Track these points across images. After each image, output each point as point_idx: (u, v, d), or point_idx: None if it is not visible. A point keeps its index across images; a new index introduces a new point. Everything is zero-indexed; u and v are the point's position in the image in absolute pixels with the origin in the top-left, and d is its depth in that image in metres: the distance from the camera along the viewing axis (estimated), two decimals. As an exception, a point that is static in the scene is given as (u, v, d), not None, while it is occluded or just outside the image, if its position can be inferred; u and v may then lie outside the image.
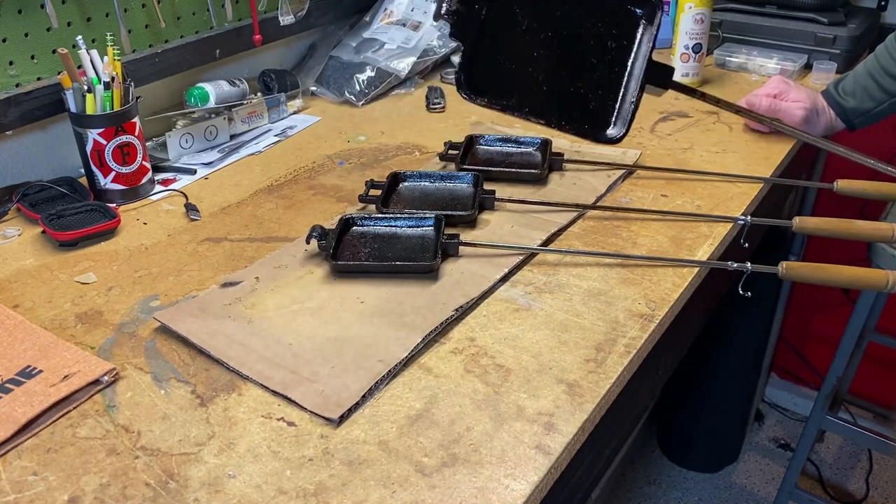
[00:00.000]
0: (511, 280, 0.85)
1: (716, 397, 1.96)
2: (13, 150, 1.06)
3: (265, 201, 1.05)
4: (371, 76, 1.38)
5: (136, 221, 1.00)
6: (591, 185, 1.04)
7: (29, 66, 1.05)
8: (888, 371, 2.04)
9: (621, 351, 0.74)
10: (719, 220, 0.97)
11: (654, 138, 1.20)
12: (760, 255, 1.70)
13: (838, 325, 1.98)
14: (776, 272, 0.84)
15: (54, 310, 0.82)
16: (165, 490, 0.60)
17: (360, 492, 0.59)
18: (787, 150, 1.16)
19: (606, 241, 0.93)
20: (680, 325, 0.87)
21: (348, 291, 0.83)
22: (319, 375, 0.70)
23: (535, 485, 0.60)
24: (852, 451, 2.13)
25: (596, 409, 0.68)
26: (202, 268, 0.89)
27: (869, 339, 1.80)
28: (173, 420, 0.67)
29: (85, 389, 0.69)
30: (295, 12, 1.37)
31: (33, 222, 0.98)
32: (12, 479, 0.61)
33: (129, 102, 1.02)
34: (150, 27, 1.19)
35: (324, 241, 0.87)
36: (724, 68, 1.50)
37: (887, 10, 1.63)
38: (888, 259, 1.33)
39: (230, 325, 0.77)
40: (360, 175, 1.11)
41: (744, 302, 1.80)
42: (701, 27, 1.36)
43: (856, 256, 1.70)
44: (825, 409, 1.62)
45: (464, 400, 0.68)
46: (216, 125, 1.20)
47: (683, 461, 2.10)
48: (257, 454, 0.63)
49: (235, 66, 1.36)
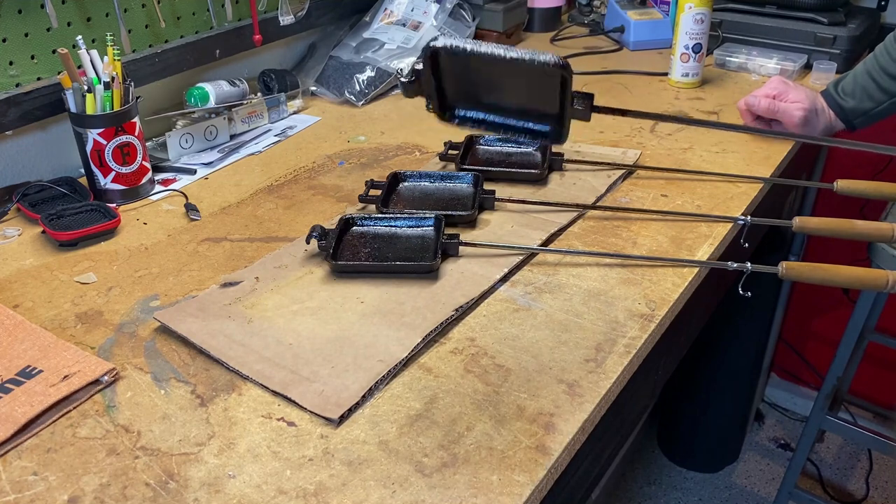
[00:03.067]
0: (511, 280, 0.85)
1: (716, 397, 1.96)
2: (13, 150, 1.06)
3: (265, 201, 1.05)
4: (371, 76, 1.38)
5: (136, 221, 1.00)
6: (591, 185, 1.04)
7: (29, 66, 1.05)
8: (888, 371, 2.04)
9: (621, 351, 0.74)
10: (719, 220, 0.97)
11: (653, 138, 1.20)
12: (760, 255, 1.70)
13: (838, 325, 1.98)
14: (776, 272, 0.84)
15: (54, 310, 0.82)
16: (165, 490, 0.60)
17: (360, 492, 0.59)
18: (787, 150, 1.16)
19: (606, 241, 0.93)
20: (680, 325, 0.87)
21: (348, 291, 0.83)
22: (319, 375, 0.70)
23: (535, 485, 0.60)
24: (852, 451, 2.13)
25: (596, 409, 0.68)
26: (202, 268, 0.89)
27: (869, 339, 1.80)
28: (173, 420, 0.67)
29: (85, 389, 0.69)
30: (295, 12, 1.37)
31: (33, 222, 0.98)
32: (12, 479, 0.61)
33: (129, 102, 1.02)
34: (150, 27, 1.19)
35: (324, 241, 0.87)
36: (724, 68, 1.50)
37: (887, 10, 1.63)
38: (888, 259, 1.33)
39: (230, 325, 0.77)
40: (360, 175, 1.11)
41: (744, 302, 1.80)
42: (701, 27, 1.35)
43: (856, 256, 1.71)
44: (825, 409, 1.62)
45: (464, 400, 0.68)
46: (216, 125, 1.20)
47: (683, 461, 2.10)
48: (257, 454, 0.63)
49: (235, 66, 1.36)
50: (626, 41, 1.64)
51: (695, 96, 1.37)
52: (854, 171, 1.83)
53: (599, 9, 1.82)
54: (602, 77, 1.47)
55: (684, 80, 1.40)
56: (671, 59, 1.41)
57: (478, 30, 1.59)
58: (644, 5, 1.71)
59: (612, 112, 0.78)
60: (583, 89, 0.72)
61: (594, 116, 0.73)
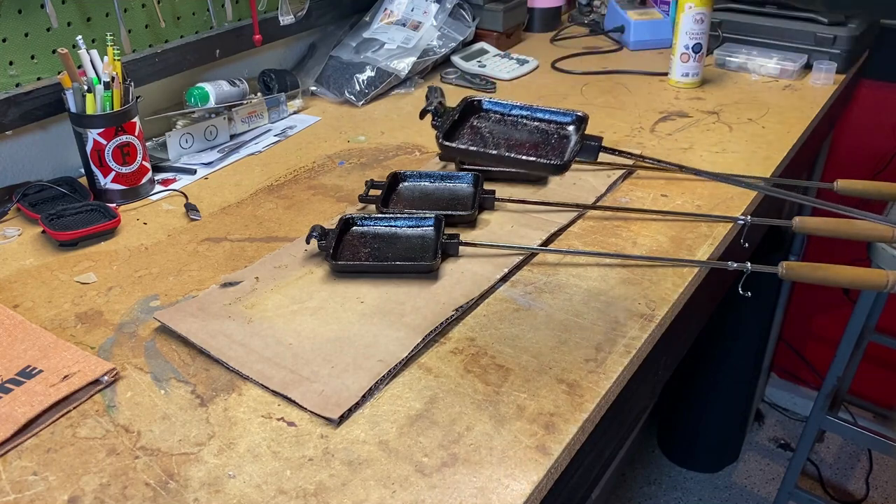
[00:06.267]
0: (511, 280, 0.85)
1: (716, 397, 1.96)
2: (13, 150, 1.06)
3: (265, 201, 1.05)
4: (371, 76, 1.38)
5: (136, 221, 1.00)
6: (591, 185, 1.04)
7: (29, 66, 1.05)
8: (888, 371, 2.04)
9: (621, 351, 0.74)
10: (719, 220, 0.97)
11: (653, 138, 1.20)
12: (760, 255, 1.70)
13: (838, 325, 1.99)
14: (776, 272, 0.84)
15: (54, 310, 0.82)
16: (165, 490, 0.60)
17: (360, 492, 0.59)
18: (787, 150, 1.16)
19: (606, 241, 0.93)
20: (680, 325, 0.87)
21: (348, 291, 0.83)
22: (319, 375, 0.70)
23: (535, 485, 0.60)
24: (852, 451, 2.13)
25: (596, 409, 0.68)
26: (202, 268, 0.89)
27: (869, 339, 1.80)
28: (173, 420, 0.67)
29: (85, 389, 0.69)
30: (295, 12, 1.37)
31: (33, 222, 0.98)
32: (12, 479, 0.61)
33: (129, 102, 1.02)
34: (150, 27, 1.19)
35: (324, 241, 0.87)
36: (724, 68, 1.50)
37: (887, 10, 1.63)
38: (888, 259, 1.33)
39: (230, 325, 0.77)
40: (360, 175, 1.11)
41: (744, 302, 1.80)
42: (701, 27, 1.36)
43: (856, 256, 1.71)
44: (825, 409, 1.62)
45: (464, 400, 0.68)
46: (216, 125, 1.20)
47: (683, 461, 2.10)
48: (257, 454, 0.63)
49: (235, 66, 1.36)
50: (626, 41, 1.64)
51: (695, 96, 1.37)
52: (854, 171, 1.83)
53: (599, 9, 1.82)
54: (602, 77, 1.47)
55: (684, 80, 1.40)
56: (671, 59, 1.41)
57: (478, 30, 1.59)
58: (644, 5, 1.71)
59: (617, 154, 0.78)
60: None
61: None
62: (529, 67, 1.51)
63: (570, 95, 1.37)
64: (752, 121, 1.26)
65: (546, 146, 0.78)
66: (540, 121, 0.82)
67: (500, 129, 0.81)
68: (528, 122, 0.83)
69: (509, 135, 0.80)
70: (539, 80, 1.47)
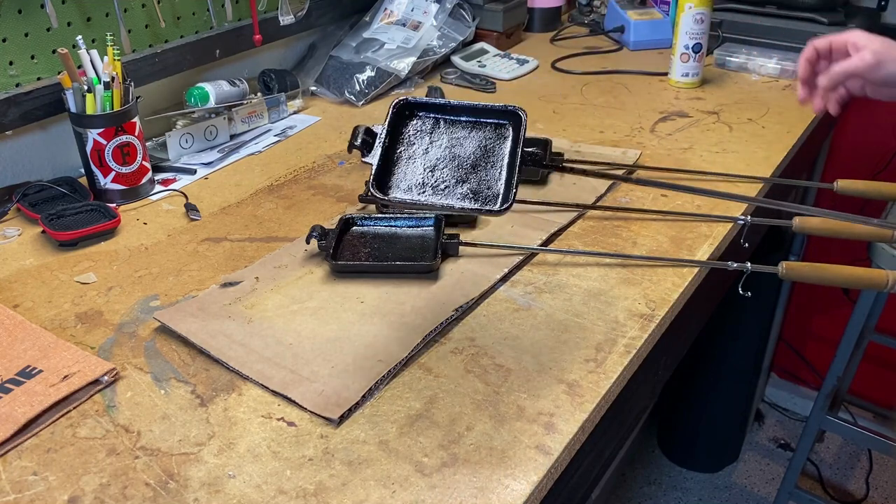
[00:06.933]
0: (511, 280, 0.85)
1: (716, 397, 1.96)
2: (13, 150, 1.06)
3: (265, 201, 1.05)
4: (371, 76, 1.38)
5: (136, 221, 1.00)
6: (591, 185, 1.04)
7: (29, 66, 1.05)
8: (888, 371, 2.04)
9: (621, 351, 0.74)
10: (719, 220, 0.97)
11: (653, 138, 1.20)
12: (760, 255, 1.70)
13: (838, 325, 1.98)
14: (776, 272, 0.84)
15: (54, 310, 0.82)
16: (165, 490, 0.60)
17: (360, 492, 0.59)
18: (787, 150, 1.16)
19: (606, 241, 0.93)
20: (680, 325, 0.87)
21: (348, 291, 0.83)
22: (319, 375, 0.70)
23: (535, 485, 0.60)
24: (852, 451, 2.13)
25: (596, 409, 0.68)
26: (202, 268, 0.89)
27: (869, 339, 1.80)
28: (173, 420, 0.67)
29: (85, 389, 0.69)
30: (295, 12, 1.37)
31: (33, 222, 0.98)
32: (12, 479, 0.61)
33: (129, 102, 1.02)
34: (150, 27, 1.19)
35: (324, 241, 0.87)
36: (724, 68, 1.50)
37: (887, 9, 1.63)
38: (888, 259, 1.33)
39: (230, 325, 0.77)
40: (360, 175, 1.11)
41: (744, 302, 1.80)
42: (701, 27, 1.35)
43: (856, 256, 1.71)
44: (825, 409, 1.62)
45: (464, 400, 0.68)
46: (216, 125, 1.20)
47: (683, 461, 2.10)
48: (257, 454, 0.63)
49: (235, 66, 1.36)
50: (626, 41, 1.64)
51: (695, 96, 1.37)
52: (854, 171, 1.83)
53: (599, 9, 1.82)
54: (602, 77, 1.47)
55: (684, 80, 1.40)
56: (671, 59, 1.41)
57: (478, 30, 1.59)
58: (644, 5, 1.71)
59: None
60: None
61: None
62: (529, 67, 1.51)
63: (570, 95, 1.37)
64: (752, 121, 1.26)
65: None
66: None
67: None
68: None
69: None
70: (539, 80, 1.47)
